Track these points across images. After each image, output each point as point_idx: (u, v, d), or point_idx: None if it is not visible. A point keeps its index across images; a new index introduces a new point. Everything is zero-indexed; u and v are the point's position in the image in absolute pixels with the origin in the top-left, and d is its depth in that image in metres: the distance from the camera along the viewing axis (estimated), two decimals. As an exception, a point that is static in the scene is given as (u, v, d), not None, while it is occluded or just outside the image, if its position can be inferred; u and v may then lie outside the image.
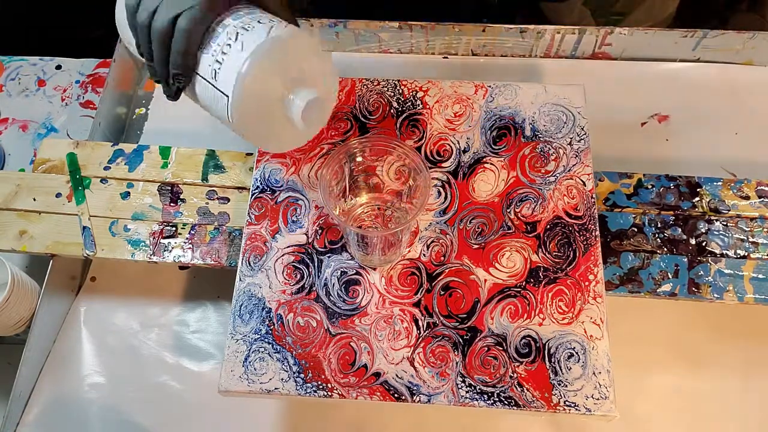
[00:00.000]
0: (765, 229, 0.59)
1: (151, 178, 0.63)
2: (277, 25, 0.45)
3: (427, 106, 0.62)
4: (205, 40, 0.45)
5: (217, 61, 0.43)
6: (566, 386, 0.50)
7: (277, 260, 0.55)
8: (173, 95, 0.47)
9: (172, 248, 0.60)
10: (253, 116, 0.45)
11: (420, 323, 0.53)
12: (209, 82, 0.44)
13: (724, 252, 0.58)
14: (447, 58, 0.77)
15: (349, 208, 0.55)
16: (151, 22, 0.45)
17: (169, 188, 0.63)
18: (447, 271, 0.55)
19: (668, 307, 0.62)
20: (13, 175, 0.64)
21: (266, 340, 0.52)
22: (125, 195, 0.62)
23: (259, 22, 0.44)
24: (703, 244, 0.58)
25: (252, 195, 0.58)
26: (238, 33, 0.43)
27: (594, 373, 0.51)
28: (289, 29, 0.45)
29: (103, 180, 0.63)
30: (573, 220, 0.56)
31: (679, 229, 0.59)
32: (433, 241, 0.56)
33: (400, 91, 0.62)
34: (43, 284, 0.60)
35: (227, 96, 0.43)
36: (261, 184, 0.59)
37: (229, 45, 0.43)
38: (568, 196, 0.57)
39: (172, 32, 0.44)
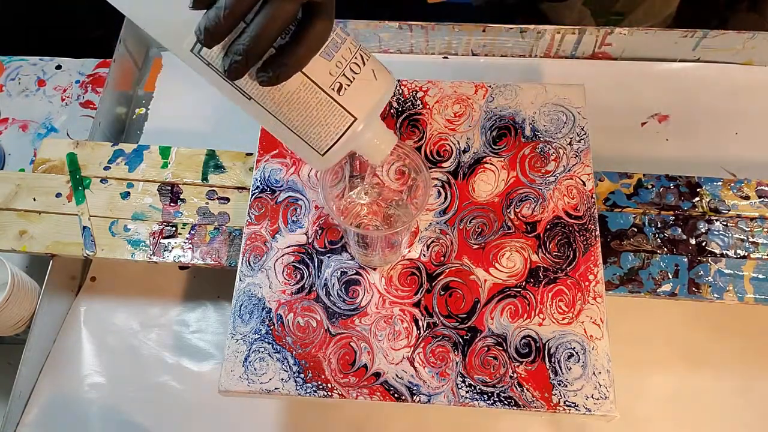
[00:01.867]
0: (765, 229, 0.59)
1: (151, 178, 0.63)
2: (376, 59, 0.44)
3: (427, 106, 0.62)
4: None
5: (344, 75, 0.40)
6: (566, 386, 0.50)
7: (277, 260, 0.55)
8: (262, 83, 0.39)
9: (172, 248, 0.60)
10: (357, 137, 0.44)
11: (420, 323, 0.53)
12: (327, 93, 0.42)
13: (724, 252, 0.58)
14: (447, 58, 0.77)
15: (349, 207, 0.55)
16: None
17: (169, 188, 0.63)
18: (447, 271, 0.55)
19: (668, 307, 0.62)
20: (13, 175, 0.64)
21: (266, 340, 0.52)
22: (125, 195, 0.62)
23: (363, 48, 0.43)
24: (703, 244, 0.58)
25: (252, 195, 0.58)
26: (362, 56, 0.41)
27: (594, 373, 0.51)
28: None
29: (103, 180, 0.63)
30: (573, 220, 0.56)
31: (679, 229, 0.59)
32: (433, 241, 0.56)
33: (400, 91, 0.62)
34: (43, 284, 0.60)
35: (354, 117, 0.41)
36: (261, 184, 0.59)
37: (358, 65, 0.41)
38: (568, 196, 0.57)
39: (291, 23, 0.38)
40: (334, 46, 0.41)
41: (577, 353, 0.51)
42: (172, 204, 0.62)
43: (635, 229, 0.59)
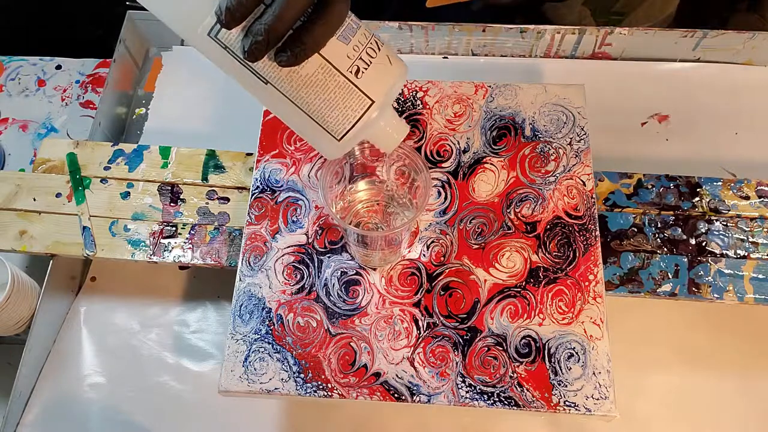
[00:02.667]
0: (765, 229, 0.59)
1: (151, 178, 0.63)
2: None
3: (427, 106, 0.62)
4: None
5: (361, 59, 0.41)
6: (566, 386, 0.50)
7: (277, 260, 0.55)
8: (281, 64, 0.39)
9: (172, 248, 0.60)
10: (371, 124, 0.44)
11: (420, 323, 0.53)
12: (345, 76, 0.41)
13: (724, 252, 0.58)
14: (447, 58, 0.77)
15: (349, 205, 0.55)
16: None
17: (169, 188, 0.63)
18: (447, 271, 0.55)
19: (668, 307, 0.62)
20: (13, 175, 0.64)
21: (266, 340, 0.52)
22: (125, 195, 0.62)
23: (376, 35, 0.43)
24: (703, 244, 0.58)
25: (252, 195, 0.58)
26: (377, 42, 0.42)
27: (594, 373, 0.51)
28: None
29: (103, 180, 0.63)
30: (573, 220, 0.56)
31: (679, 229, 0.59)
32: (433, 242, 0.56)
33: (400, 91, 0.62)
34: (43, 284, 0.60)
35: (372, 101, 0.41)
36: (261, 184, 0.59)
37: (374, 50, 0.41)
38: (568, 196, 0.57)
39: (310, 3, 0.38)
40: (350, 30, 0.41)
41: (577, 353, 0.51)
42: (172, 204, 0.62)
43: (635, 229, 0.59)
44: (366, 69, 0.41)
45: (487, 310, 0.53)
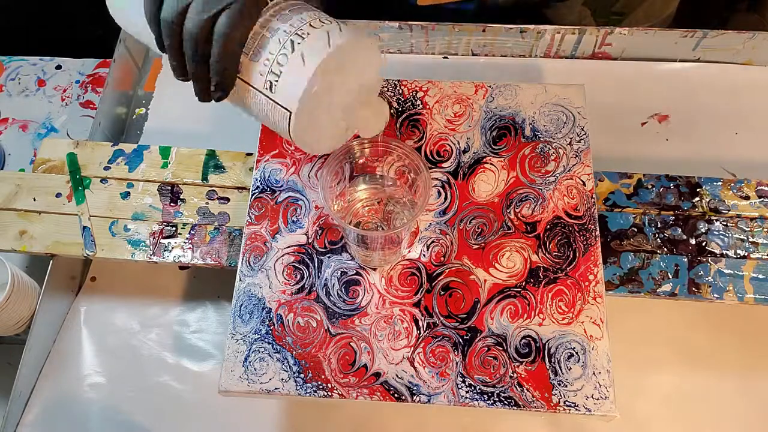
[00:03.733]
0: (765, 229, 0.59)
1: (151, 178, 0.63)
2: (333, 28, 0.41)
3: (427, 106, 0.62)
4: (251, 45, 0.41)
5: (272, 72, 0.40)
6: (566, 386, 0.50)
7: (277, 260, 0.55)
8: (215, 99, 0.43)
9: (172, 248, 0.60)
10: (315, 129, 0.43)
11: (420, 323, 0.53)
12: (263, 94, 0.41)
13: (724, 252, 0.58)
14: (447, 58, 0.77)
15: (349, 205, 0.55)
16: (183, 20, 0.40)
17: (169, 188, 0.63)
18: (447, 271, 0.55)
19: (668, 307, 0.62)
20: (13, 175, 0.64)
21: (266, 340, 0.52)
22: (125, 195, 0.62)
23: (311, 25, 0.41)
24: (703, 244, 0.58)
25: (252, 195, 0.58)
26: (293, 42, 0.40)
27: (594, 373, 0.51)
28: (348, 33, 0.42)
29: (103, 180, 0.63)
30: (573, 220, 0.56)
31: (679, 229, 0.59)
32: (433, 242, 0.56)
33: (400, 91, 0.62)
34: (43, 284, 0.60)
35: (289, 111, 0.41)
36: (261, 184, 0.59)
37: (285, 56, 0.40)
38: (568, 196, 0.57)
39: (210, 35, 0.39)
40: (261, 45, 0.41)
41: (577, 353, 0.51)
42: (172, 204, 0.62)
43: (635, 229, 0.59)
44: (277, 81, 0.41)
45: (487, 310, 0.53)
